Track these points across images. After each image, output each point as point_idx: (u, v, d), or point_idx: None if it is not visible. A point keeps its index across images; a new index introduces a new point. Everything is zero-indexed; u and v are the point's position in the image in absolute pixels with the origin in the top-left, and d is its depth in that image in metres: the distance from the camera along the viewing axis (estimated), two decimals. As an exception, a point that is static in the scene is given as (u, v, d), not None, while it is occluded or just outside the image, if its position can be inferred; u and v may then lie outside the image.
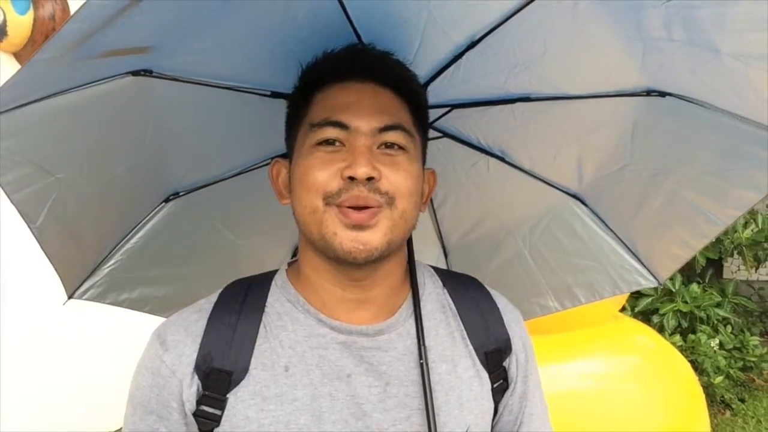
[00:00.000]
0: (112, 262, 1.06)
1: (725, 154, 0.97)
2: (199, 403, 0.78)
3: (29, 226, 0.89)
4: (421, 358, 0.82)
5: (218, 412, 0.78)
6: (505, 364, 0.90)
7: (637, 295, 4.49)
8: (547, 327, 1.54)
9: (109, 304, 1.10)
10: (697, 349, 4.18)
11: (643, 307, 4.40)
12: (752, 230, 4.44)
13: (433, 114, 0.94)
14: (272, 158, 0.94)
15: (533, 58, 0.90)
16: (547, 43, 0.88)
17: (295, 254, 1.03)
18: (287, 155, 0.88)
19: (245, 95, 0.92)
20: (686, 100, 0.92)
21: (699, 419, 1.59)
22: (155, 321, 0.93)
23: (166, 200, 1.03)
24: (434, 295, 0.91)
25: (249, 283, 0.87)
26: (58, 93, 0.76)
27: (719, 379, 4.16)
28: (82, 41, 0.65)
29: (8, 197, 0.83)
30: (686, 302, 4.39)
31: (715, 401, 4.38)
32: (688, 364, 1.78)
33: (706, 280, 4.85)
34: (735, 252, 4.61)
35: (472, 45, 0.86)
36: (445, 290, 0.92)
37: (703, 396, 1.70)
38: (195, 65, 0.85)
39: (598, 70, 0.92)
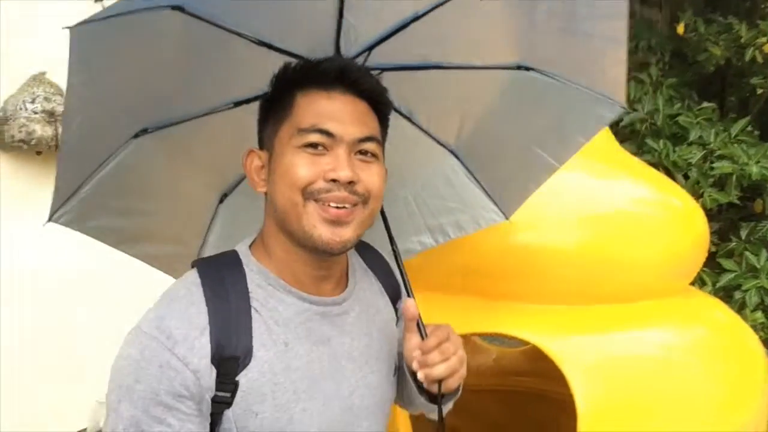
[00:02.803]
0: (84, 190, 1.12)
1: (566, 113, 1.22)
2: (215, 389, 0.87)
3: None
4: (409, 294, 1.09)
5: (228, 395, 0.88)
6: (398, 305, 1.15)
7: (719, 271, 4.39)
8: (613, 296, 1.63)
9: (77, 230, 1.18)
10: (781, 329, 4.07)
11: (725, 283, 4.30)
12: None
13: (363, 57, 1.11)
14: (235, 103, 1.11)
15: (447, 36, 1.11)
16: (458, 25, 1.09)
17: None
18: (261, 145, 1.01)
19: (232, 40, 1.01)
20: (545, 75, 1.15)
21: (760, 395, 1.63)
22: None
23: (136, 136, 1.11)
24: (357, 263, 1.12)
25: (219, 267, 0.96)
26: (116, 15, 0.84)
27: (803, 358, 4.05)
28: None
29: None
30: (771, 280, 4.27)
31: (798, 382, 4.27)
32: (759, 342, 1.81)
33: (796, 258, 4.68)
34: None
35: (405, 26, 1.07)
36: (358, 256, 1.14)
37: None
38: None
39: (488, 47, 1.14)
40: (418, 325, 1.02)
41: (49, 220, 1.13)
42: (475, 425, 2.33)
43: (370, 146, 0.96)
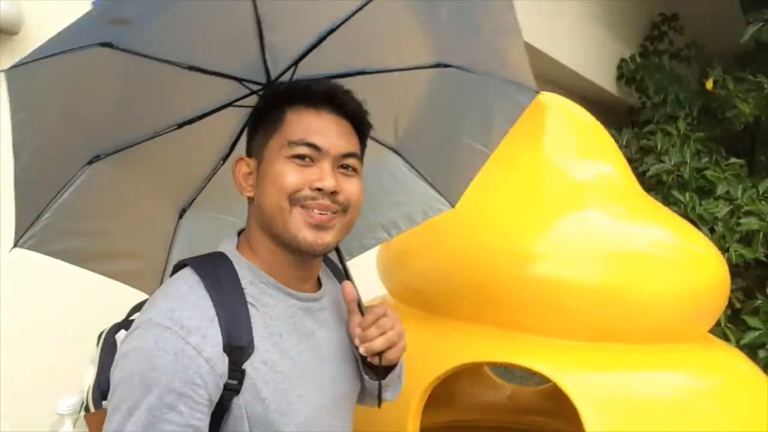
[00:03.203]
0: (45, 217, 1.20)
1: (487, 103, 1.33)
2: (228, 377, 0.94)
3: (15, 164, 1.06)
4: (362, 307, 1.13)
5: (236, 382, 0.95)
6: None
7: (744, 328, 4.32)
8: (630, 336, 1.62)
9: (44, 253, 1.26)
10: (806, 390, 3.96)
11: (750, 341, 4.22)
12: None
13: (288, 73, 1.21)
14: (179, 125, 1.21)
15: (365, 43, 1.21)
16: (374, 33, 1.20)
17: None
18: (249, 154, 1.11)
19: (164, 68, 1.09)
20: (463, 69, 1.25)
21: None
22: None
23: (89, 162, 1.20)
24: (324, 268, 1.23)
25: (212, 265, 1.03)
26: (47, 56, 0.91)
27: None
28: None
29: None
30: (796, 339, 4.18)
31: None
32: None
33: (822, 319, 4.58)
34: None
35: (323, 37, 1.16)
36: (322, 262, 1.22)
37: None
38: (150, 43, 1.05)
39: (406, 50, 1.25)
40: (359, 305, 1.12)
41: (15, 245, 1.21)
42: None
43: (352, 161, 1.08)
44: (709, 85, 5.38)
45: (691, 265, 1.70)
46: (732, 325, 4.22)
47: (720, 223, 4.59)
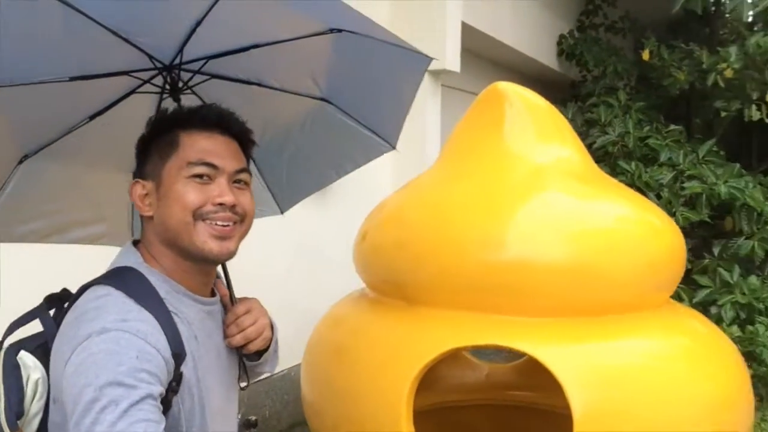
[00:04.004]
0: None
1: (389, 58, 1.47)
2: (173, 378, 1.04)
3: None
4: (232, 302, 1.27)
5: (176, 383, 1.05)
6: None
7: (695, 287, 4.54)
8: (599, 309, 1.72)
9: (5, 241, 1.48)
10: (755, 340, 4.21)
11: (701, 299, 4.45)
12: (811, 222, 4.42)
13: (196, 65, 1.34)
14: (91, 117, 1.34)
15: (254, 20, 1.30)
16: (261, 12, 1.28)
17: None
18: (142, 176, 1.19)
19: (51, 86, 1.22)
20: (354, 33, 1.36)
21: (743, 399, 1.72)
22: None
23: (20, 162, 1.35)
24: None
25: (129, 281, 1.10)
26: None
27: (777, 369, 4.18)
28: None
29: None
30: (744, 294, 4.41)
31: (772, 392, 4.40)
32: (735, 348, 1.91)
33: (765, 273, 4.85)
34: (794, 244, 4.61)
35: (199, 23, 1.23)
36: None
37: (749, 379, 1.84)
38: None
39: (298, 23, 1.34)
40: (231, 300, 1.27)
41: None
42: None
43: (244, 176, 1.19)
44: (646, 55, 5.57)
45: (650, 237, 1.80)
46: (684, 285, 4.42)
47: (665, 188, 4.79)
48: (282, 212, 1.70)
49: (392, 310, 1.81)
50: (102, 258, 1.30)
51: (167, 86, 1.35)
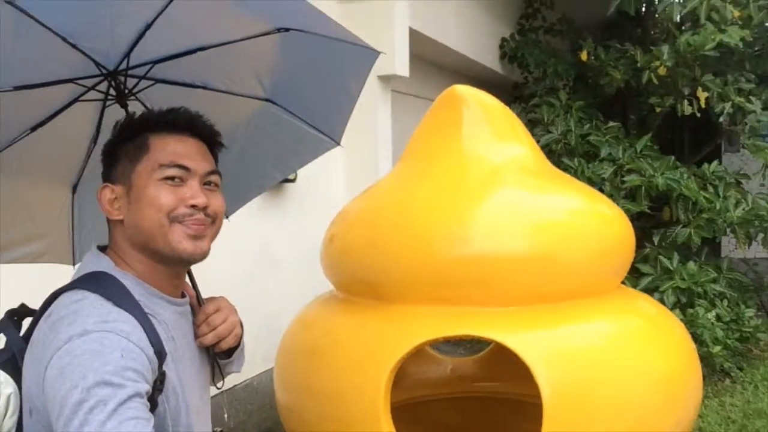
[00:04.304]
0: None
1: (336, 54, 1.49)
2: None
3: None
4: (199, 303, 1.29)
5: (159, 382, 1.05)
6: None
7: (638, 275, 4.75)
8: (559, 295, 1.83)
9: None
10: (696, 322, 4.44)
11: (644, 286, 4.67)
12: (743, 209, 4.70)
13: (141, 70, 1.33)
14: (32, 129, 1.32)
15: (200, 22, 1.32)
16: (206, 15, 1.31)
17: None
18: (111, 180, 1.18)
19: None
20: (301, 31, 1.38)
21: (693, 372, 1.86)
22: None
23: None
24: None
25: (103, 285, 1.09)
26: None
27: (717, 349, 4.42)
28: None
29: None
30: (684, 279, 4.66)
31: (715, 370, 4.66)
32: (683, 326, 2.06)
33: (703, 258, 5.12)
34: (728, 230, 4.88)
35: (149, 26, 1.24)
36: None
37: (696, 353, 1.98)
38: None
39: (245, 24, 1.35)
40: (198, 301, 1.30)
41: None
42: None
43: (214, 178, 1.21)
44: (584, 56, 5.80)
45: (603, 227, 1.93)
46: (627, 274, 4.62)
47: (607, 182, 5.01)
48: (227, 217, 1.62)
49: (364, 309, 1.87)
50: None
51: (111, 93, 1.33)
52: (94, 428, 0.88)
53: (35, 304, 1.20)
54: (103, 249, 1.22)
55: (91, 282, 1.09)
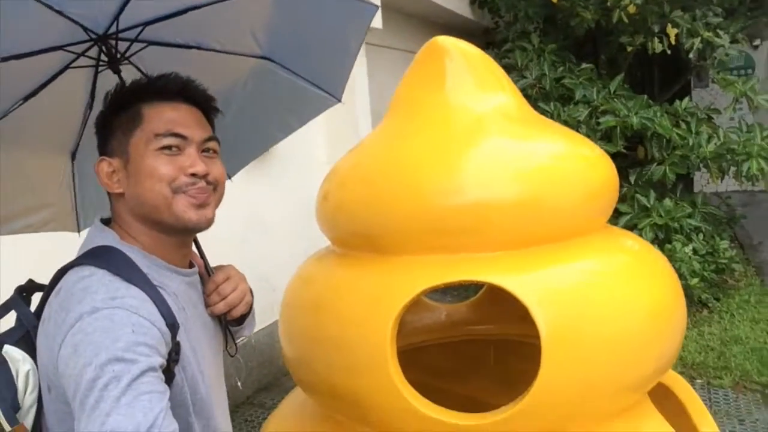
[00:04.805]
0: None
1: (333, 10, 1.50)
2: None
3: None
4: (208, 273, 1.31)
5: (175, 353, 1.07)
6: None
7: (616, 215, 4.88)
8: (550, 237, 1.90)
9: None
10: (674, 256, 4.60)
11: (623, 224, 4.80)
12: (715, 144, 4.82)
13: (132, 33, 1.31)
14: (24, 99, 1.30)
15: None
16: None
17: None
18: (107, 153, 1.18)
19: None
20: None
21: (677, 303, 1.96)
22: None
23: None
24: None
25: (110, 260, 1.09)
26: None
27: (695, 281, 4.59)
28: None
29: None
30: (661, 216, 4.79)
31: (693, 302, 4.84)
32: (667, 260, 2.15)
33: (678, 194, 5.26)
34: (701, 165, 5.01)
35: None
36: None
37: (680, 285, 2.08)
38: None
39: None
40: (206, 271, 1.32)
41: None
42: (430, 378, 2.58)
43: (212, 144, 1.21)
44: (554, -3, 5.80)
45: (587, 169, 1.98)
46: (606, 213, 4.73)
47: (582, 125, 5.09)
48: (230, 177, 1.63)
49: (364, 261, 1.92)
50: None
51: (103, 58, 1.30)
52: (109, 404, 0.89)
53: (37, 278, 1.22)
54: (106, 222, 1.21)
55: (98, 257, 1.10)
